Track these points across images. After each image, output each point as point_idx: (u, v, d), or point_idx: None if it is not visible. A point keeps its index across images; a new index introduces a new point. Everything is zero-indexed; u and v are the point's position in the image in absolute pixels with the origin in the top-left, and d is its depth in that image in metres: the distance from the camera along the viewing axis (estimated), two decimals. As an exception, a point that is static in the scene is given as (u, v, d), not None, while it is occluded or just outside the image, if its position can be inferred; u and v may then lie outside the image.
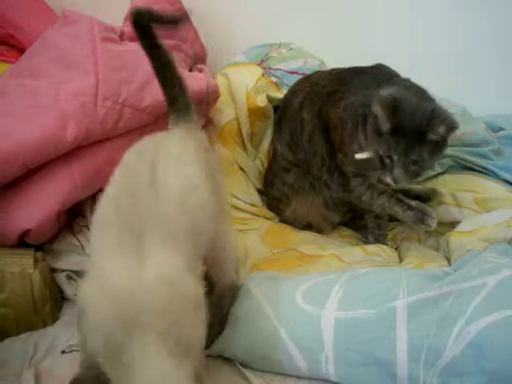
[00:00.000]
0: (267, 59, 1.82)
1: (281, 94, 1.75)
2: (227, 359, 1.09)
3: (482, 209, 1.47)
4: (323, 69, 1.84)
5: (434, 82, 1.30)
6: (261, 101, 1.73)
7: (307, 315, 1.05)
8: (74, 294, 1.27)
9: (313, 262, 1.36)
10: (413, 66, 1.46)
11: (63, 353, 1.11)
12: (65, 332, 1.17)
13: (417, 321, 0.99)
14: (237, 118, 1.73)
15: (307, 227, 1.60)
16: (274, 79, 1.77)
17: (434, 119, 1.21)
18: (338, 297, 1.06)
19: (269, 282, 1.16)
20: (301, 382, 1.06)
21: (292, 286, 1.11)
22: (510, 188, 1.54)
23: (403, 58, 1.57)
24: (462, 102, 1.77)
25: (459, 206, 1.49)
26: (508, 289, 0.98)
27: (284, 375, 1.07)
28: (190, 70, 1.69)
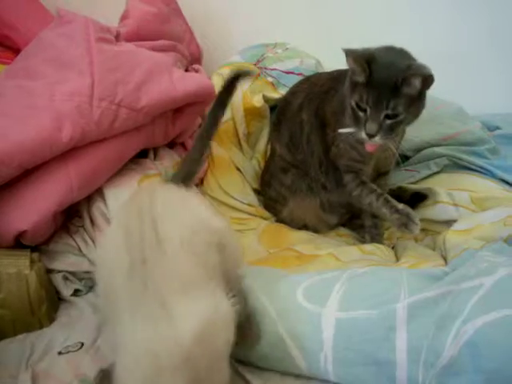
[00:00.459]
0: (263, 59, 1.82)
1: (277, 94, 1.75)
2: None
3: (478, 208, 1.47)
4: (319, 68, 1.84)
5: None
6: (257, 101, 1.73)
7: (308, 313, 1.04)
8: (71, 294, 1.27)
9: (310, 261, 1.36)
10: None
11: (60, 354, 1.10)
12: (61, 333, 1.16)
13: (416, 321, 0.98)
14: (233, 118, 1.73)
15: (304, 227, 1.60)
16: (270, 79, 1.77)
17: (409, 72, 1.20)
18: (338, 296, 1.05)
19: (269, 278, 1.15)
20: (299, 381, 1.05)
21: (293, 284, 1.10)
22: (507, 187, 1.54)
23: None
24: (458, 101, 1.77)
25: (455, 204, 1.49)
26: (505, 288, 0.97)
27: (282, 375, 1.06)
28: (186, 70, 1.70)
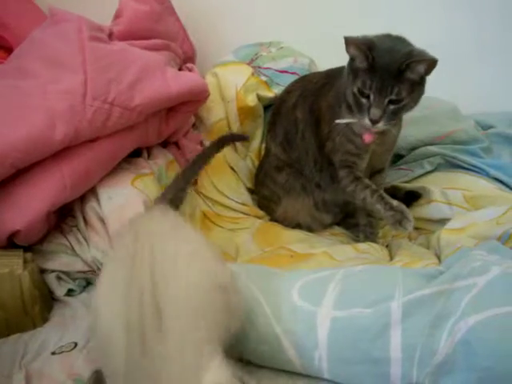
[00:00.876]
0: (257, 58, 1.82)
1: (271, 93, 1.75)
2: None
3: (472, 206, 1.47)
4: (313, 67, 1.84)
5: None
6: (251, 100, 1.73)
7: (303, 312, 1.03)
8: (64, 294, 1.27)
9: (304, 260, 1.36)
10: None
11: (53, 354, 1.10)
12: (55, 333, 1.16)
13: (411, 320, 0.98)
14: (227, 117, 1.73)
15: (297, 226, 1.60)
16: (263, 78, 1.77)
17: (412, 58, 1.20)
18: (334, 294, 1.04)
19: (264, 276, 1.15)
20: (293, 379, 1.05)
21: (288, 282, 1.10)
22: (500, 186, 1.54)
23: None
24: (451, 100, 1.77)
25: (449, 203, 1.50)
26: (498, 287, 0.97)
27: (276, 374, 1.06)
28: (180, 69, 1.69)
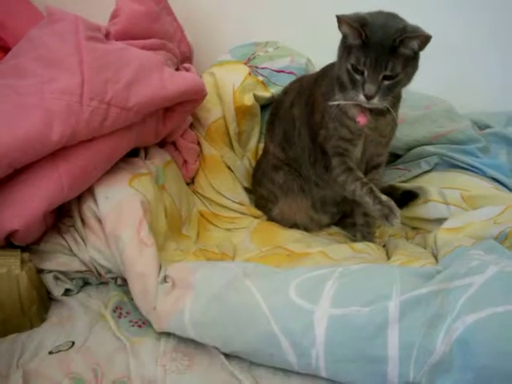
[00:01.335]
0: (254, 58, 1.82)
1: (268, 93, 1.75)
2: (215, 357, 1.09)
3: (469, 206, 1.48)
4: (310, 67, 1.84)
5: (421, 79, 1.30)
6: (248, 100, 1.73)
7: (300, 310, 1.04)
8: (61, 294, 1.27)
9: (301, 260, 1.36)
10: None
11: (51, 353, 1.10)
12: (52, 332, 1.16)
13: (408, 319, 0.98)
14: (224, 117, 1.73)
15: (294, 226, 1.60)
16: (260, 78, 1.77)
17: (406, 34, 1.20)
18: (331, 292, 1.05)
19: (261, 274, 1.15)
20: (290, 378, 1.05)
21: (285, 279, 1.10)
22: (497, 185, 1.55)
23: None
24: (448, 100, 1.78)
25: (446, 203, 1.50)
26: (494, 287, 0.98)
27: (273, 373, 1.06)
28: (177, 69, 1.69)
